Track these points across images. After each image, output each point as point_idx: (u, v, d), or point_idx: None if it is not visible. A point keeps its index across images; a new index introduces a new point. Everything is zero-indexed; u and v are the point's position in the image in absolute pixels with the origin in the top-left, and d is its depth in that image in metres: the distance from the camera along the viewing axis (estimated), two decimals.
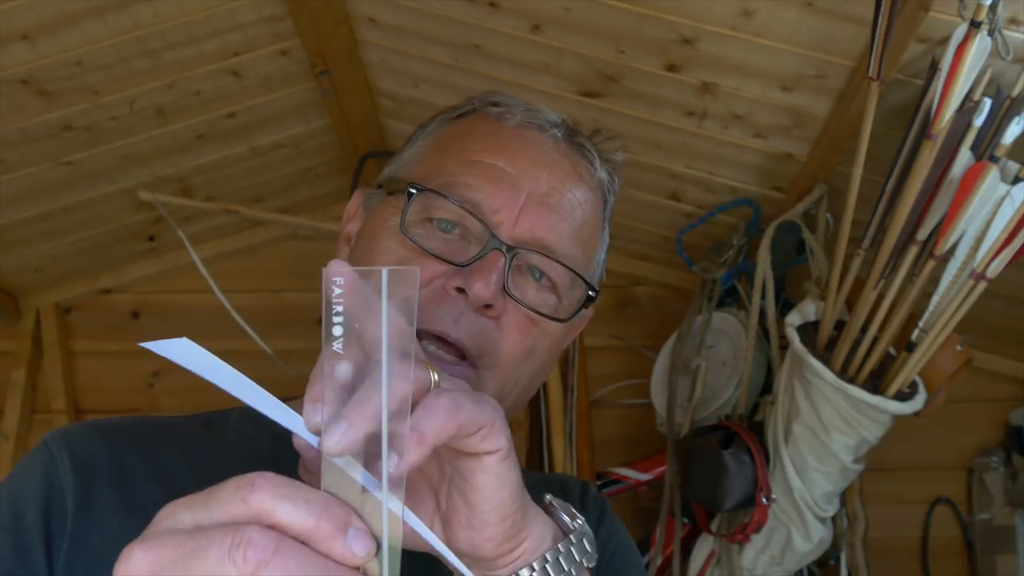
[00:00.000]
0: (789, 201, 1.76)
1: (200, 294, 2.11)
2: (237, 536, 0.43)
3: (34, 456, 0.75)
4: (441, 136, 0.86)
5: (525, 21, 1.53)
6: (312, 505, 0.44)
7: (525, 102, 0.86)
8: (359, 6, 1.63)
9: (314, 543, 0.44)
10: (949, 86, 1.26)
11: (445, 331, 0.73)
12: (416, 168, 0.83)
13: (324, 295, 0.46)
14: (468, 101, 0.88)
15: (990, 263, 1.34)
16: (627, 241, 2.17)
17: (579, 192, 0.82)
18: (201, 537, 0.43)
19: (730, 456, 1.64)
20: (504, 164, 0.79)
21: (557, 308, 0.80)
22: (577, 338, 2.17)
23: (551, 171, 0.81)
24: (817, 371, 1.51)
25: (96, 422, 0.80)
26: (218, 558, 0.42)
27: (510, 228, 0.77)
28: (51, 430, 0.78)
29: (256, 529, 0.43)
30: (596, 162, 0.86)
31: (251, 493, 0.44)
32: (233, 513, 0.44)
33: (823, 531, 1.66)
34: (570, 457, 2.05)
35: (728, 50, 1.45)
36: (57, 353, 2.20)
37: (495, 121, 0.83)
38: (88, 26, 1.47)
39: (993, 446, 2.09)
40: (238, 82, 1.74)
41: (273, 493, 0.44)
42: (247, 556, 0.42)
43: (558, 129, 0.84)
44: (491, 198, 0.77)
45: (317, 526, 0.44)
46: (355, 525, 0.45)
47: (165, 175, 1.94)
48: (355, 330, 0.47)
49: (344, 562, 0.44)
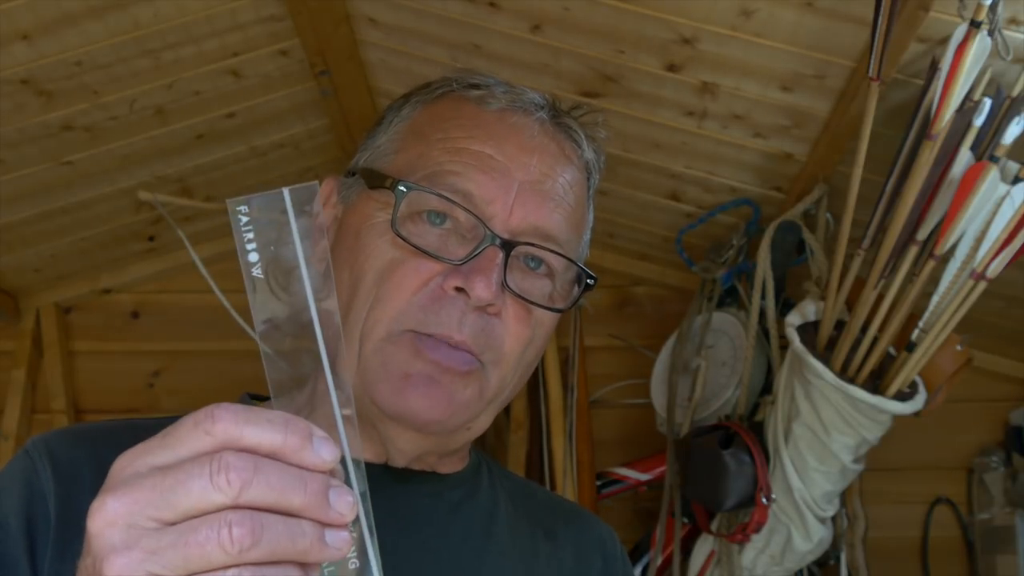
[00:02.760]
0: (789, 201, 1.76)
1: (200, 294, 2.11)
2: (215, 463, 0.43)
3: (14, 464, 0.74)
4: (417, 121, 0.82)
5: (525, 21, 1.53)
6: (275, 423, 0.45)
7: (504, 82, 0.83)
8: (359, 6, 1.63)
9: (285, 457, 0.45)
10: (949, 86, 1.26)
11: (449, 334, 0.72)
12: (395, 158, 0.80)
13: (233, 227, 0.48)
14: (444, 81, 0.84)
15: (990, 263, 1.33)
16: (627, 241, 2.17)
17: (569, 175, 0.81)
18: (177, 472, 0.44)
19: (730, 456, 1.64)
20: (492, 151, 0.77)
21: (553, 294, 0.79)
22: (577, 338, 2.18)
23: (541, 156, 0.79)
24: (817, 371, 1.51)
25: (77, 427, 0.79)
26: (201, 488, 0.43)
27: (505, 219, 0.75)
28: (32, 437, 0.77)
29: (231, 453, 0.44)
30: (583, 142, 0.84)
31: (214, 424, 0.44)
32: (199, 447, 0.44)
33: (823, 531, 1.66)
34: (570, 457, 2.05)
35: (728, 50, 1.45)
36: (57, 353, 2.20)
37: (476, 105, 0.80)
38: (88, 26, 1.47)
39: (993, 446, 2.09)
40: (238, 82, 1.74)
41: (235, 419, 0.45)
42: (230, 479, 0.43)
43: (543, 111, 0.82)
44: (483, 188, 0.75)
45: (285, 440, 0.45)
46: (317, 434, 0.46)
47: (165, 175, 1.94)
48: (271, 253, 0.49)
49: (317, 468, 0.45)
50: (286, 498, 0.44)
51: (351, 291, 0.76)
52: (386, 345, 0.74)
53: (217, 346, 2.19)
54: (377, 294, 0.74)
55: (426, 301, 0.73)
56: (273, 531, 0.43)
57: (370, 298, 0.75)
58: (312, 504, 0.45)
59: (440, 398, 0.73)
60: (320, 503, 0.45)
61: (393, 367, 0.73)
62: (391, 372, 0.73)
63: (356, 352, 0.75)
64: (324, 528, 0.45)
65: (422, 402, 0.72)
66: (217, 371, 2.20)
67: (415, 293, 0.74)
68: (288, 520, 0.44)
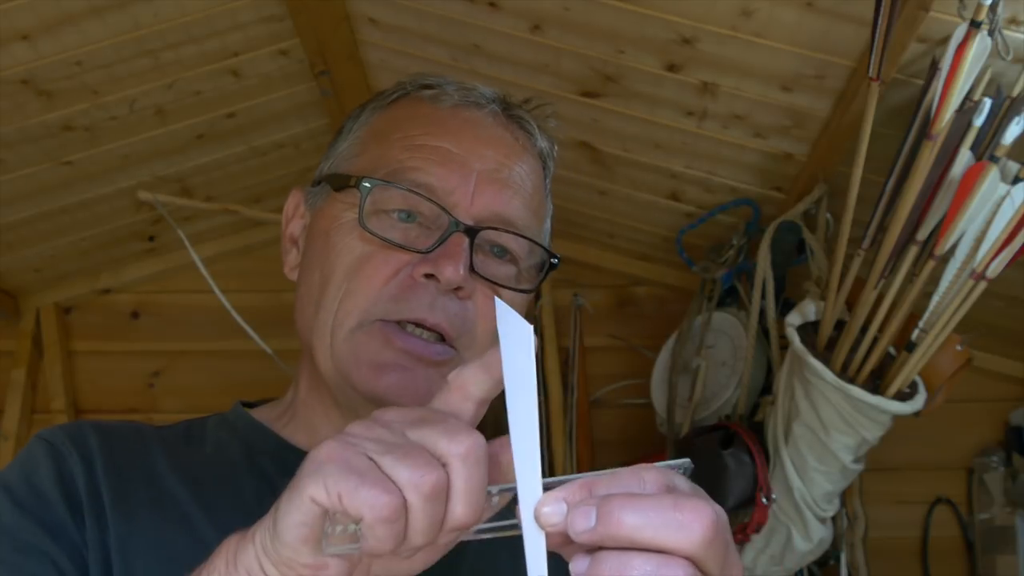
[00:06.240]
0: (789, 201, 1.76)
1: (200, 294, 2.11)
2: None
3: (34, 449, 0.76)
4: (376, 125, 0.85)
5: (525, 21, 1.53)
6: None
7: (456, 81, 0.86)
8: (359, 6, 1.63)
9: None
10: (949, 86, 1.26)
11: (422, 317, 0.75)
12: (357, 160, 0.83)
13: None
14: (398, 86, 0.88)
15: (990, 263, 1.33)
16: (627, 241, 2.17)
17: (525, 164, 0.83)
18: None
19: (730, 456, 1.64)
20: (449, 145, 0.79)
21: (519, 277, 0.81)
22: (577, 338, 2.18)
23: (496, 147, 0.81)
24: (817, 371, 1.51)
25: (87, 422, 0.81)
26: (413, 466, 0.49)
27: (467, 208, 0.77)
28: (43, 429, 0.79)
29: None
30: (536, 133, 0.86)
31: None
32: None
33: (823, 531, 1.66)
34: (570, 457, 2.05)
35: (728, 50, 1.45)
36: (57, 353, 2.20)
37: (430, 104, 0.84)
38: (88, 26, 1.47)
39: (993, 446, 2.09)
40: (238, 82, 1.74)
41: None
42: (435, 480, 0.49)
43: (495, 104, 0.84)
44: (443, 180, 0.77)
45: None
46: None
47: (165, 175, 1.94)
48: None
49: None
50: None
51: (321, 288, 0.78)
52: (357, 334, 0.76)
53: (217, 346, 2.19)
54: (348, 287, 0.76)
55: (396, 291, 0.75)
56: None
57: (340, 291, 0.77)
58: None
59: (414, 386, 0.74)
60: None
61: (364, 356, 0.75)
62: (362, 361, 0.75)
63: (328, 344, 0.77)
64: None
65: (396, 390, 0.74)
66: (217, 371, 2.20)
67: (385, 283, 0.76)
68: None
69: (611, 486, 0.49)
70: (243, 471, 0.80)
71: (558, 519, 0.48)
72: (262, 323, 2.06)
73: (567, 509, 0.48)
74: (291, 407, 0.86)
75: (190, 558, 0.57)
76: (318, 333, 0.78)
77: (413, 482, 0.48)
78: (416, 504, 0.48)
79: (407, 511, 0.48)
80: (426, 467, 0.49)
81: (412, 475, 0.48)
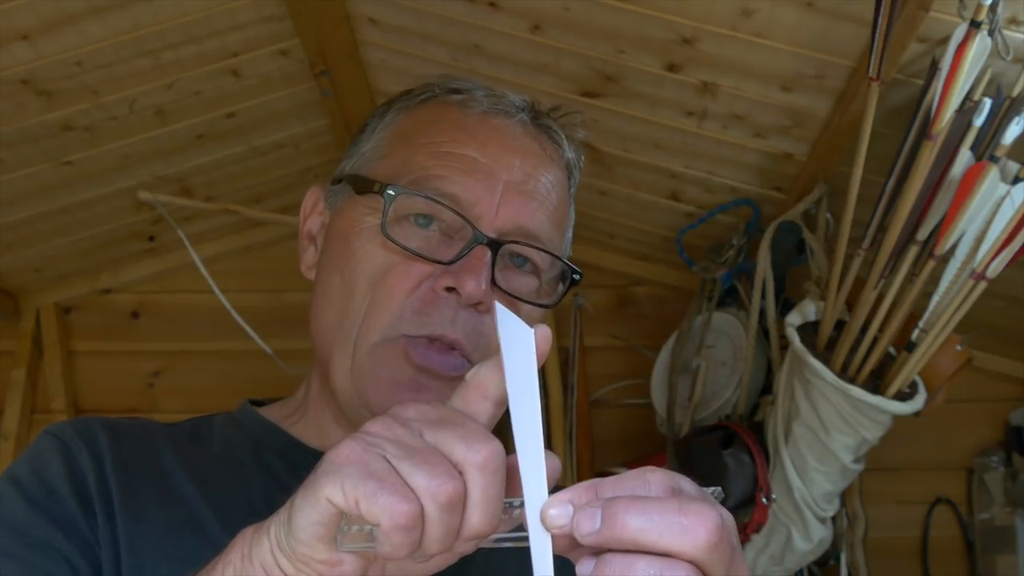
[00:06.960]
0: (789, 201, 1.76)
1: (200, 294, 2.11)
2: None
3: (43, 444, 0.76)
4: (402, 126, 0.84)
5: (525, 21, 1.53)
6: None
7: (486, 86, 0.85)
8: (359, 6, 1.63)
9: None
10: (949, 86, 1.26)
11: (443, 333, 0.74)
12: (381, 163, 0.82)
13: None
14: (426, 87, 0.86)
15: (990, 263, 1.33)
16: (627, 241, 2.17)
17: (551, 175, 0.82)
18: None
19: (730, 456, 1.64)
20: (476, 154, 0.78)
21: (539, 290, 0.81)
22: (577, 338, 2.18)
23: (524, 157, 0.80)
24: (817, 371, 1.51)
25: (95, 418, 0.81)
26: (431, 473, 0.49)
27: (491, 220, 0.76)
28: (50, 424, 0.79)
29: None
30: (564, 143, 0.86)
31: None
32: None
33: (823, 531, 1.66)
34: (570, 457, 2.05)
35: (728, 50, 1.45)
36: (57, 353, 2.20)
37: (459, 109, 0.82)
38: (88, 26, 1.47)
39: (993, 446, 2.09)
40: (238, 82, 1.74)
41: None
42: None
43: (524, 113, 0.83)
44: (468, 190, 0.77)
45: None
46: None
47: (165, 175, 1.94)
48: None
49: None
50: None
51: (345, 297, 0.77)
52: (379, 349, 0.75)
53: (217, 346, 2.19)
54: (372, 300, 0.76)
55: (419, 304, 0.75)
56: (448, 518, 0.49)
57: (364, 304, 0.76)
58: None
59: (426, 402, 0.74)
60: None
61: (384, 373, 0.75)
62: (381, 378, 0.75)
63: (350, 355, 0.77)
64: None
65: None
66: (217, 371, 2.20)
67: (408, 296, 0.75)
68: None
69: (617, 488, 0.49)
70: (251, 469, 0.80)
71: (564, 521, 0.48)
72: (262, 323, 2.06)
73: (573, 511, 0.48)
74: (302, 406, 0.86)
75: (198, 556, 0.57)
76: (340, 343, 0.78)
77: (430, 491, 0.48)
78: (433, 513, 0.48)
79: (424, 519, 0.48)
80: (444, 475, 0.49)
81: (430, 483, 0.48)
